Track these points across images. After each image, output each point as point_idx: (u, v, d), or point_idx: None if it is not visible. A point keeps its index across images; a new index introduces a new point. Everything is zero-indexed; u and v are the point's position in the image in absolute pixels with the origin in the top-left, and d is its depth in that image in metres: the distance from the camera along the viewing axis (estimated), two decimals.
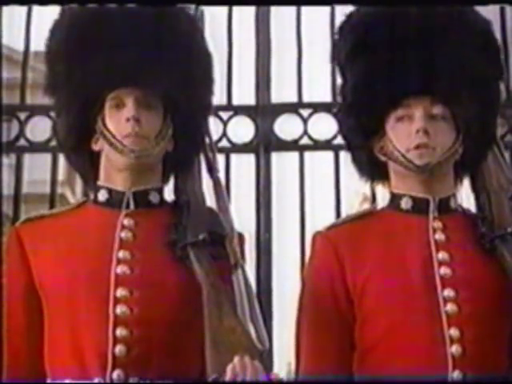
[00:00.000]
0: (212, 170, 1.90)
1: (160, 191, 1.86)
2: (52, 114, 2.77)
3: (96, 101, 1.80)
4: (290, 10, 3.10)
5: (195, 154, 1.91)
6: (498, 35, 2.80)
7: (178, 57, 1.83)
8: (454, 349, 1.70)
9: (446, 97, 1.84)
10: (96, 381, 1.64)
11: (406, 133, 1.83)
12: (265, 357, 1.60)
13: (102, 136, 1.80)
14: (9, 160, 3.04)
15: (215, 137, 2.90)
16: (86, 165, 1.86)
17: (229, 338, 1.60)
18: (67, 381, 1.67)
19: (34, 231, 1.78)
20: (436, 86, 1.84)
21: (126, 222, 1.78)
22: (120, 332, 1.66)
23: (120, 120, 1.78)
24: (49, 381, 1.72)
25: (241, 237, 1.85)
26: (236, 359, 1.54)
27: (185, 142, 1.86)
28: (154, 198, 1.84)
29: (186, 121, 1.85)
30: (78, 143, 1.85)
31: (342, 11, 2.08)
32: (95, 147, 1.83)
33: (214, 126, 2.93)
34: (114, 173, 1.81)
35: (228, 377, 1.52)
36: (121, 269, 1.71)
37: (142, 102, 1.78)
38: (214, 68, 1.96)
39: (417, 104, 1.84)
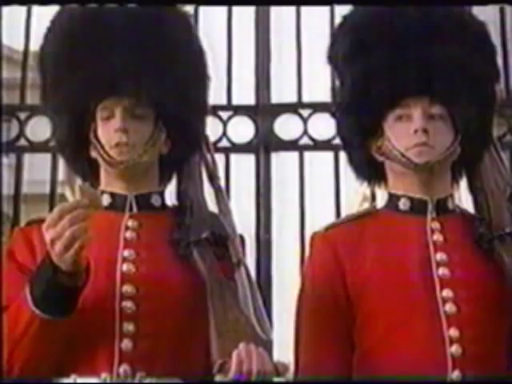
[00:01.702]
0: (213, 178, 1.92)
1: (161, 195, 1.89)
2: None
3: (86, 111, 1.81)
4: (290, 10, 3.09)
5: (192, 154, 1.92)
6: (497, 35, 2.82)
7: (165, 60, 1.83)
8: (454, 349, 1.70)
9: (445, 97, 1.85)
10: (103, 375, 1.66)
11: (404, 132, 1.84)
12: (269, 347, 1.61)
13: (93, 147, 1.82)
14: (9, 160, 3.03)
15: (215, 137, 2.91)
16: (86, 171, 1.87)
17: (234, 328, 1.63)
18: (71, 378, 1.68)
19: (41, 233, 1.78)
20: (435, 86, 1.85)
21: (129, 223, 1.81)
22: (126, 327, 1.68)
23: (109, 131, 1.79)
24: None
25: (241, 238, 1.87)
26: (241, 345, 1.56)
27: (180, 143, 1.88)
28: (155, 201, 1.86)
29: (179, 124, 1.86)
30: (76, 150, 1.87)
31: (342, 11, 2.08)
32: (93, 154, 1.84)
33: (214, 126, 2.93)
34: (113, 179, 1.83)
35: (234, 362, 1.54)
36: (126, 267, 1.73)
37: (131, 111, 1.80)
38: (207, 65, 1.95)
39: (415, 104, 1.84)
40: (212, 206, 1.88)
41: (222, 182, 1.97)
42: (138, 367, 1.66)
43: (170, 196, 1.93)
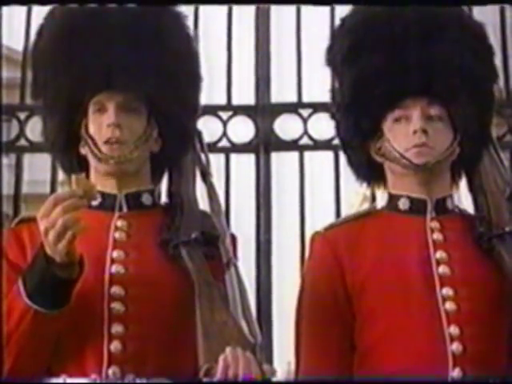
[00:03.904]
0: (205, 175, 1.91)
1: (152, 193, 1.88)
2: None
3: (79, 106, 1.80)
4: (290, 9, 3.10)
5: (183, 153, 1.91)
6: (497, 35, 2.82)
7: (159, 58, 1.83)
8: (455, 346, 1.70)
9: (444, 97, 1.85)
10: (92, 377, 1.65)
11: (403, 133, 1.84)
12: (257, 350, 1.60)
13: (84, 142, 1.81)
14: (9, 160, 3.03)
15: (215, 137, 2.91)
16: (75, 168, 1.85)
17: (221, 331, 1.61)
18: (61, 379, 1.67)
19: (31, 232, 1.77)
20: (433, 86, 1.85)
21: (119, 223, 1.79)
22: (115, 329, 1.67)
23: (101, 125, 1.78)
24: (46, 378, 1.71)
25: (233, 237, 1.87)
26: (228, 350, 1.54)
27: (171, 142, 1.87)
28: (146, 199, 1.85)
29: (171, 121, 1.85)
30: (66, 147, 1.86)
31: (342, 11, 2.08)
32: (83, 151, 1.83)
33: (214, 126, 2.93)
34: (102, 177, 1.81)
35: (220, 367, 1.52)
36: (115, 268, 1.72)
37: (124, 106, 1.79)
38: (199, 65, 1.95)
39: (414, 104, 1.84)
40: (204, 204, 1.87)
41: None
42: (127, 369, 1.65)
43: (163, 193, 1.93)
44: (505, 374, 1.72)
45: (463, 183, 1.99)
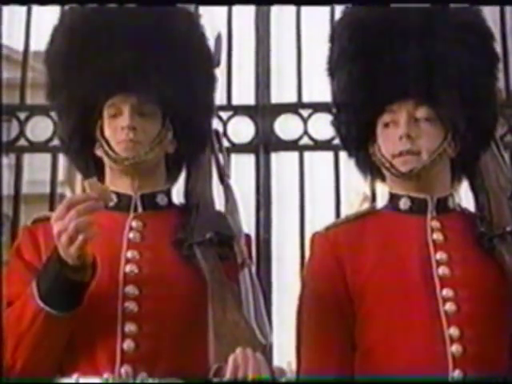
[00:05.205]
0: (223, 176, 1.92)
1: (167, 193, 1.88)
2: (52, 114, 2.76)
3: (93, 108, 1.81)
4: (290, 9, 3.10)
5: (198, 154, 1.92)
6: (497, 35, 2.81)
7: (173, 59, 1.83)
8: (455, 348, 1.70)
9: (426, 98, 1.83)
10: (105, 376, 1.65)
11: (391, 139, 1.84)
12: (267, 351, 1.61)
13: (99, 145, 1.82)
14: (9, 160, 3.03)
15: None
16: (90, 169, 1.87)
17: (232, 332, 1.61)
18: (73, 378, 1.68)
19: (46, 232, 1.78)
20: (415, 88, 1.83)
21: (134, 223, 1.80)
22: (129, 328, 1.68)
23: (116, 128, 1.80)
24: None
25: (248, 237, 1.88)
26: (238, 350, 1.55)
27: (187, 142, 1.88)
28: (161, 200, 1.86)
29: (186, 122, 1.86)
30: (81, 148, 1.87)
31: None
32: (98, 153, 1.84)
33: (214, 126, 2.93)
34: (117, 178, 1.83)
35: (230, 367, 1.53)
36: (129, 268, 1.73)
37: (138, 109, 1.80)
38: (214, 65, 1.96)
39: (401, 108, 1.84)
40: (220, 205, 1.87)
41: (233, 188, 1.97)
42: (139, 368, 1.66)
43: (179, 194, 1.93)
44: (506, 375, 1.72)
45: (465, 181, 1.98)
